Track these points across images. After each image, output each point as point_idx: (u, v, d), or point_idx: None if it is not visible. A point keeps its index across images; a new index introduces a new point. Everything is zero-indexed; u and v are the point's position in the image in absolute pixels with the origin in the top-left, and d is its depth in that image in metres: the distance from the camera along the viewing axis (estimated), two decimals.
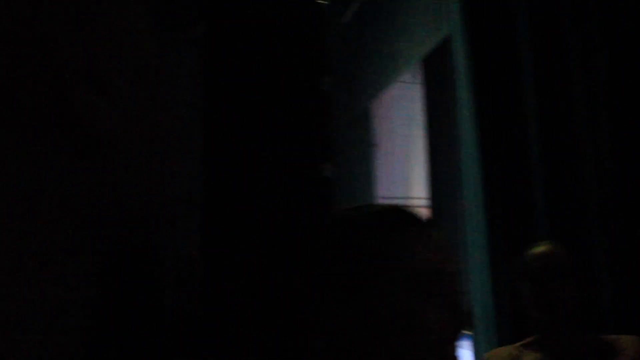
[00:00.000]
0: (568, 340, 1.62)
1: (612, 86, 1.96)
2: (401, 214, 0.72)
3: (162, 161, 0.31)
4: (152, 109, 0.30)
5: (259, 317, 0.74)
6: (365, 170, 4.10)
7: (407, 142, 4.44)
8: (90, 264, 0.28)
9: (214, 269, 0.87)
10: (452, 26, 2.41)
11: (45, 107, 0.25)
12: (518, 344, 1.70)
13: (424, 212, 0.79)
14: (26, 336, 0.25)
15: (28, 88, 0.24)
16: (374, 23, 3.74)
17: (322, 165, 1.11)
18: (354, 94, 3.97)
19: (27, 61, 0.24)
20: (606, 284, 1.95)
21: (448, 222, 3.48)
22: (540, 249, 1.65)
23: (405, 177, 4.55)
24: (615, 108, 1.95)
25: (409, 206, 0.75)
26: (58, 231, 0.26)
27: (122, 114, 0.28)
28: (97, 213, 0.28)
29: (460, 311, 0.69)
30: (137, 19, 0.31)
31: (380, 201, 4.21)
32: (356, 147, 4.07)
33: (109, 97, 0.27)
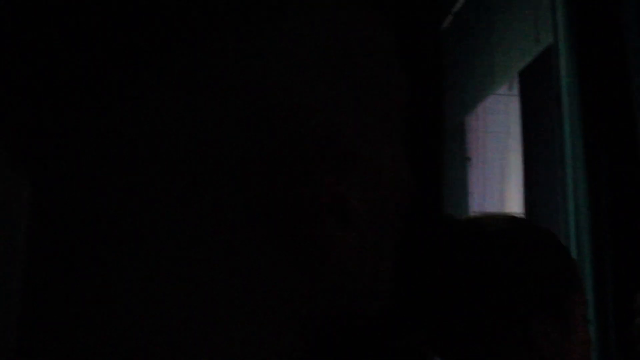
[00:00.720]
0: None
1: None
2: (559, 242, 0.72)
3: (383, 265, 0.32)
4: (387, 233, 0.31)
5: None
6: (459, 183, 4.02)
7: (502, 155, 4.32)
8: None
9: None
10: (557, 35, 2.33)
11: (289, 233, 0.26)
12: None
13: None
14: None
15: (276, 215, 0.26)
16: (468, 36, 3.68)
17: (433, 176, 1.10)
18: (449, 107, 3.91)
19: (286, 193, 0.26)
20: None
21: None
22: None
23: (500, 190, 4.42)
24: None
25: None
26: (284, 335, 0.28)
27: (362, 242, 0.28)
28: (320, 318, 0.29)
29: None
30: (399, 156, 0.32)
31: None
32: (450, 160, 4.00)
33: (355, 231, 0.27)
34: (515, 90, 3.88)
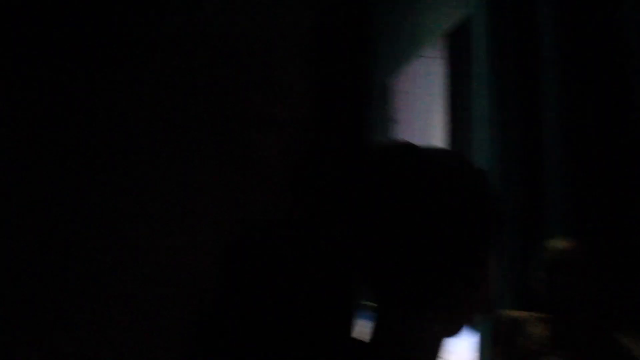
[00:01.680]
0: (584, 338, 1.61)
1: None
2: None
3: None
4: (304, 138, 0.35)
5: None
6: None
7: (427, 117, 4.39)
8: None
9: None
10: (473, 5, 2.36)
11: (231, 140, 0.31)
12: (533, 313, 1.69)
13: None
14: None
15: None
16: None
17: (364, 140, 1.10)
18: (374, 69, 3.92)
19: None
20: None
21: None
22: (557, 243, 1.63)
23: None
24: None
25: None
26: None
27: (282, 144, 0.34)
28: None
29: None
30: None
31: None
32: (375, 122, 4.03)
33: (276, 135, 0.33)
34: (440, 53, 3.92)
